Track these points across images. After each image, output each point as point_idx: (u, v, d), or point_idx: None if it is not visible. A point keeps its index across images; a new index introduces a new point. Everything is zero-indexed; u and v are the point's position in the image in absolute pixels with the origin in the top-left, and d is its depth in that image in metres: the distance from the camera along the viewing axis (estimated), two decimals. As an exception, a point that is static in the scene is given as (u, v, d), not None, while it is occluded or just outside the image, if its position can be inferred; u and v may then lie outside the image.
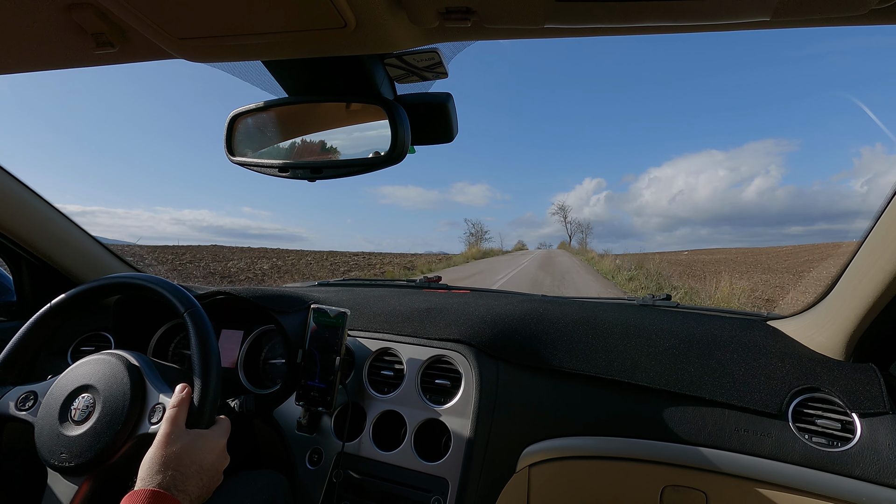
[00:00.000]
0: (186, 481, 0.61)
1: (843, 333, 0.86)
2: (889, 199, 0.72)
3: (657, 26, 0.44)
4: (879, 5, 0.37)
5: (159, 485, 0.59)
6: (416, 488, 0.90)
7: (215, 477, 0.67)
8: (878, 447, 0.78)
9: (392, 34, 0.48)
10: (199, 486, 0.63)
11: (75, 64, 0.60)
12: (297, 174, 0.71)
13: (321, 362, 0.98)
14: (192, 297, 0.79)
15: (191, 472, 0.63)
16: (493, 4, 0.41)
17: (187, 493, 0.61)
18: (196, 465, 0.64)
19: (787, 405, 0.85)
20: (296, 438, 1.01)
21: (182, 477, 0.61)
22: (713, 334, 1.00)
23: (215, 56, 0.55)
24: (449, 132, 0.71)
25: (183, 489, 0.61)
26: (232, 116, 0.73)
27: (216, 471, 0.67)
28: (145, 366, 0.76)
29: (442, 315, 1.11)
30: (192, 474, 0.63)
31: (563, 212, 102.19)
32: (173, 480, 0.60)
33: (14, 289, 1.35)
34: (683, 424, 0.90)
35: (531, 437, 0.96)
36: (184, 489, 0.61)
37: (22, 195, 1.16)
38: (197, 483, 0.63)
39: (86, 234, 1.34)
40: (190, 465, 0.63)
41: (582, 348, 1.01)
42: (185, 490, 0.61)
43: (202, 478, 0.64)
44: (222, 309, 1.14)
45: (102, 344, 1.27)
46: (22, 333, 0.79)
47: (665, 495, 0.93)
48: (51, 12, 0.49)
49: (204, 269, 13.77)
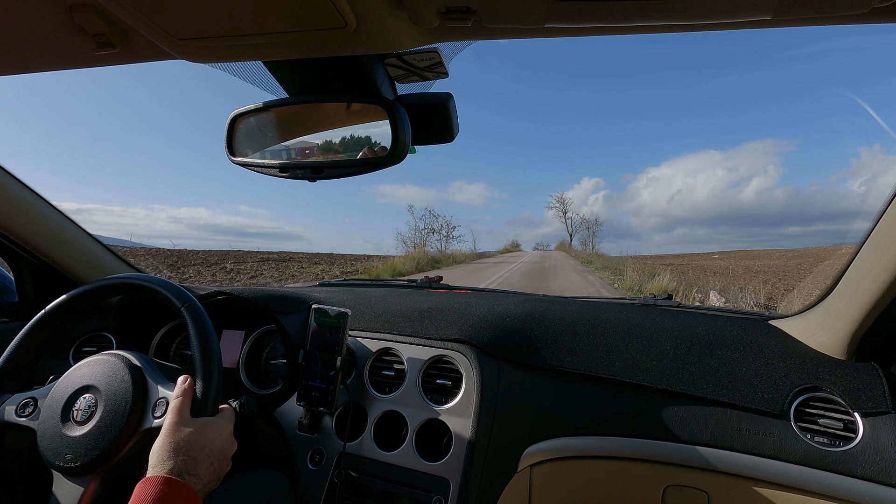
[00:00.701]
0: (197, 465, 0.62)
1: (845, 333, 0.86)
2: (890, 199, 0.72)
3: (657, 25, 0.43)
4: (880, 4, 0.37)
5: (171, 471, 0.59)
6: (417, 488, 0.90)
7: (224, 462, 0.67)
8: (880, 446, 0.77)
9: (392, 34, 0.48)
10: (209, 471, 0.63)
11: (76, 65, 0.60)
12: (297, 174, 0.71)
13: (322, 362, 0.98)
14: (187, 292, 0.79)
15: (201, 456, 0.63)
16: (494, 4, 0.41)
17: (199, 477, 0.61)
18: (206, 450, 0.64)
19: (789, 405, 0.85)
20: (297, 438, 1.01)
21: (193, 462, 0.62)
22: (715, 334, 1.00)
23: (216, 56, 0.55)
24: (449, 132, 0.71)
25: (195, 473, 0.61)
26: (232, 117, 0.73)
27: (225, 455, 0.68)
28: (146, 365, 0.77)
29: (443, 315, 1.11)
30: (203, 458, 0.63)
31: (563, 205, 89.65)
32: (185, 465, 0.61)
33: (15, 289, 1.35)
34: (685, 424, 0.90)
35: (532, 437, 0.96)
36: (195, 473, 0.61)
37: (22, 195, 1.17)
38: (208, 467, 0.63)
39: (86, 234, 1.34)
40: (200, 450, 0.63)
41: (583, 348, 1.01)
42: (197, 474, 0.61)
43: (212, 462, 0.64)
44: (223, 309, 1.14)
45: (104, 344, 1.27)
46: (19, 340, 0.79)
47: (667, 495, 0.93)
48: (51, 13, 0.49)
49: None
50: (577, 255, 44.90)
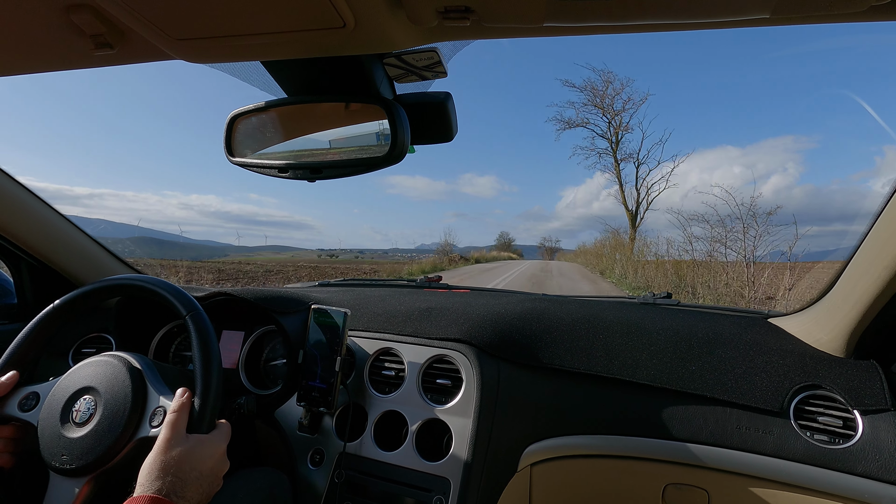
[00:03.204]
0: (186, 487, 0.61)
1: (844, 330, 0.86)
2: (889, 196, 0.72)
3: (657, 24, 0.44)
4: (878, 2, 0.37)
5: (158, 490, 0.59)
6: (417, 488, 0.90)
7: (214, 482, 0.67)
8: (879, 444, 0.78)
9: (391, 34, 0.48)
10: (198, 492, 0.63)
11: (74, 65, 0.60)
12: (296, 174, 0.71)
13: (322, 363, 0.98)
14: (193, 300, 0.79)
15: (190, 477, 0.62)
16: (493, 3, 0.41)
17: (187, 500, 0.61)
18: (196, 472, 0.63)
19: (788, 402, 0.85)
20: (297, 439, 1.01)
21: (181, 483, 0.61)
22: (715, 332, 1.00)
23: (214, 56, 0.55)
24: (448, 131, 0.71)
25: (182, 495, 0.61)
26: (231, 117, 0.73)
27: (216, 476, 0.67)
28: (146, 368, 0.76)
29: (443, 315, 1.11)
30: (192, 480, 0.62)
31: (646, 189, 25.22)
32: (173, 486, 0.60)
33: (14, 291, 1.35)
34: (685, 422, 0.90)
35: (533, 437, 0.96)
36: (183, 495, 0.61)
37: (21, 197, 1.16)
38: (196, 489, 0.63)
39: (86, 236, 1.34)
40: (189, 472, 0.63)
41: (583, 347, 1.01)
42: (185, 496, 0.61)
43: (201, 483, 0.64)
44: (223, 310, 1.14)
45: (104, 345, 1.27)
46: (23, 336, 0.79)
47: (667, 493, 0.93)
48: (49, 14, 0.49)
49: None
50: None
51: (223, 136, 0.74)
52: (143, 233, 25.98)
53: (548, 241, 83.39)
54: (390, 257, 18.21)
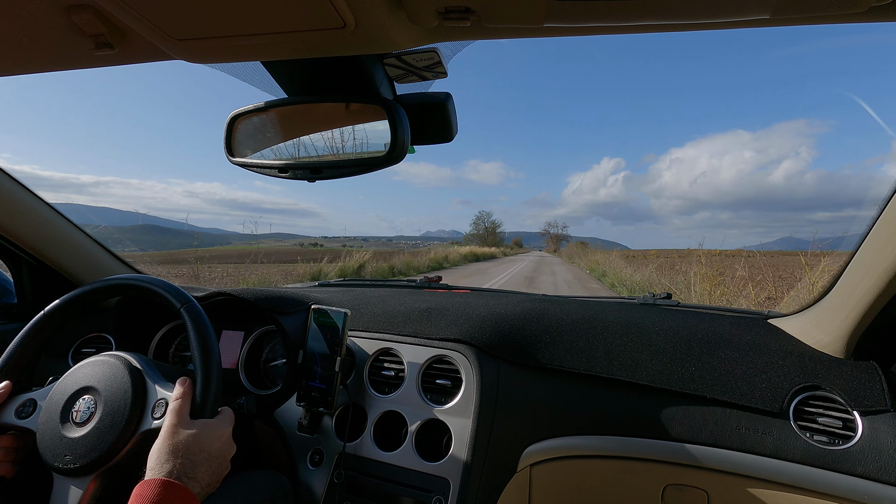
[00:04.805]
0: (196, 469, 0.62)
1: (844, 331, 0.86)
2: (890, 196, 0.72)
3: (657, 25, 0.44)
4: (878, 3, 0.38)
5: (169, 473, 0.59)
6: (417, 488, 0.90)
7: (223, 464, 0.67)
8: (879, 445, 0.78)
9: (391, 34, 0.48)
10: (208, 473, 0.63)
11: (75, 65, 0.60)
12: (296, 174, 0.71)
13: (322, 363, 0.98)
14: (187, 294, 0.79)
15: (199, 459, 0.63)
16: (493, 4, 0.41)
17: (197, 481, 0.61)
18: (204, 453, 0.64)
19: (788, 403, 0.85)
20: (297, 439, 1.01)
21: (191, 465, 0.61)
22: (714, 333, 1.00)
23: (214, 57, 0.55)
24: (448, 132, 0.71)
25: (193, 476, 0.61)
26: (231, 117, 0.73)
27: (224, 458, 0.68)
28: (146, 366, 0.76)
29: (442, 315, 1.11)
30: (201, 462, 0.63)
31: None
32: (183, 468, 0.60)
33: (14, 290, 1.35)
34: (685, 423, 0.90)
35: (532, 437, 0.96)
36: (193, 476, 0.61)
37: (21, 197, 1.16)
38: (206, 470, 0.63)
39: (85, 235, 1.34)
40: (198, 453, 0.63)
41: (583, 347, 1.01)
42: (195, 477, 0.61)
43: (211, 465, 0.64)
44: (223, 310, 1.14)
45: (103, 345, 1.27)
46: (17, 341, 0.79)
47: (666, 494, 0.93)
48: (50, 14, 0.49)
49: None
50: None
51: (223, 137, 0.74)
52: (147, 221, 25.51)
53: (553, 226, 65.31)
54: (394, 245, 17.53)
